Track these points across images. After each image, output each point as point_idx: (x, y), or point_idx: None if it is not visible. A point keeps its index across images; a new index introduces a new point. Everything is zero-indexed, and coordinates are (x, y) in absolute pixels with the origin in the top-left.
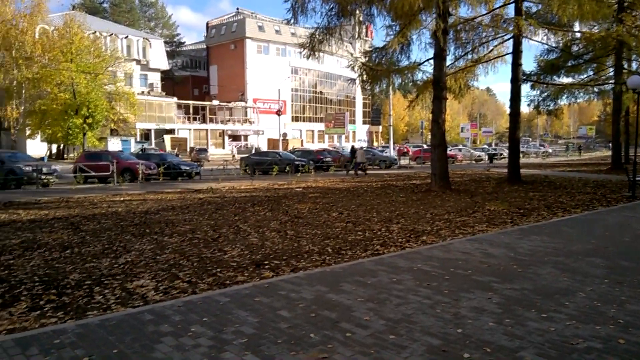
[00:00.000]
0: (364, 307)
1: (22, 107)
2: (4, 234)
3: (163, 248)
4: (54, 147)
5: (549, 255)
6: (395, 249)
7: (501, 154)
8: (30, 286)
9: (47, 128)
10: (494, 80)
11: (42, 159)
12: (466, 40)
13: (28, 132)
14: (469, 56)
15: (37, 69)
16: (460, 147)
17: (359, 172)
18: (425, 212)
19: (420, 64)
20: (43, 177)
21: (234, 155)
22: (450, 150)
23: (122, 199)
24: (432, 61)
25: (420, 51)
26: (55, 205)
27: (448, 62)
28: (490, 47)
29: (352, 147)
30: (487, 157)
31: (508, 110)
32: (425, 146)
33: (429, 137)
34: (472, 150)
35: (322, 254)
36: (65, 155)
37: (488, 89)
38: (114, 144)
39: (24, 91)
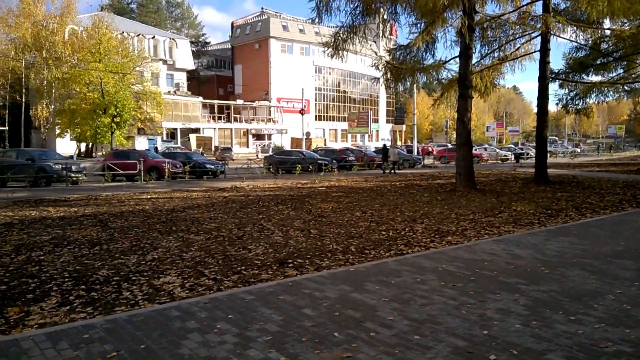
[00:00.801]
0: (388, 307)
1: (52, 107)
2: (35, 230)
3: (189, 245)
4: (83, 146)
5: (577, 257)
6: (419, 249)
7: (528, 154)
8: (60, 282)
9: (76, 127)
10: (521, 79)
11: (71, 157)
12: (492, 38)
13: (58, 131)
14: (496, 54)
15: (67, 69)
16: (486, 146)
17: (385, 170)
18: (449, 212)
19: (446, 62)
20: (72, 175)
21: (257, 154)
22: (476, 150)
23: (149, 196)
24: (457, 59)
25: (446, 49)
26: (84, 202)
27: (474, 60)
28: (517, 45)
29: (384, 146)
30: (513, 156)
31: (535, 109)
32: (449, 145)
33: (454, 136)
34: (497, 150)
35: (346, 253)
36: (93, 154)
37: (514, 87)
38: (141, 143)
39: (54, 91)
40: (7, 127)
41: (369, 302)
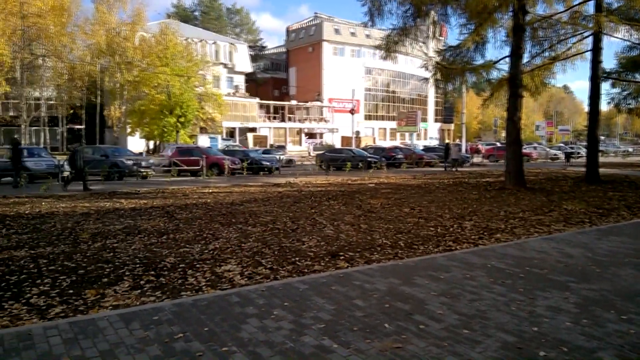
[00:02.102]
0: (437, 301)
1: (124, 107)
2: (109, 220)
3: (247, 237)
4: (151, 143)
5: (629, 256)
6: (468, 245)
7: (578, 153)
8: (131, 267)
9: (145, 126)
10: (572, 78)
11: (140, 154)
12: (543, 38)
13: (129, 130)
14: (546, 54)
15: (137, 72)
16: (536, 145)
17: (448, 167)
18: (498, 210)
19: (496, 62)
20: (142, 170)
21: (309, 152)
22: (525, 148)
23: (210, 191)
24: (507, 59)
25: (496, 49)
26: (152, 195)
27: (524, 60)
28: (569, 45)
29: (447, 144)
30: (563, 155)
31: (586, 109)
32: (498, 144)
33: (503, 134)
34: (547, 149)
35: (395, 248)
36: (160, 151)
37: (565, 87)
38: (203, 141)
39: (125, 93)
40: (84, 126)
41: (418, 296)
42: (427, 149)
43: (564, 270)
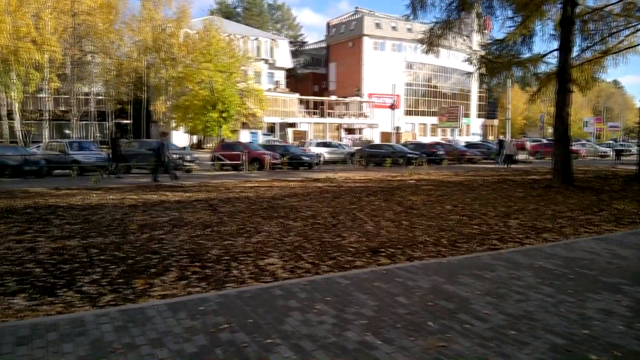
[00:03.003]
0: (483, 300)
1: (169, 103)
2: (156, 212)
3: (288, 231)
4: (195, 138)
5: None
6: (513, 244)
7: (629, 150)
8: (178, 258)
9: (189, 121)
10: (622, 73)
11: (184, 148)
12: (594, 31)
13: (173, 125)
14: (597, 47)
15: (181, 68)
16: (584, 142)
17: (502, 163)
18: (545, 208)
19: (544, 55)
20: (186, 163)
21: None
22: (573, 146)
23: (251, 185)
24: (556, 53)
25: (544, 42)
26: (196, 189)
27: (574, 53)
28: (621, 37)
29: (500, 139)
30: (613, 153)
31: (638, 104)
32: (544, 141)
33: (549, 131)
34: (596, 146)
35: (437, 245)
36: (203, 145)
37: (615, 82)
38: (244, 136)
39: (170, 88)
40: (131, 120)
41: (462, 294)
42: (469, 145)
43: (616, 272)
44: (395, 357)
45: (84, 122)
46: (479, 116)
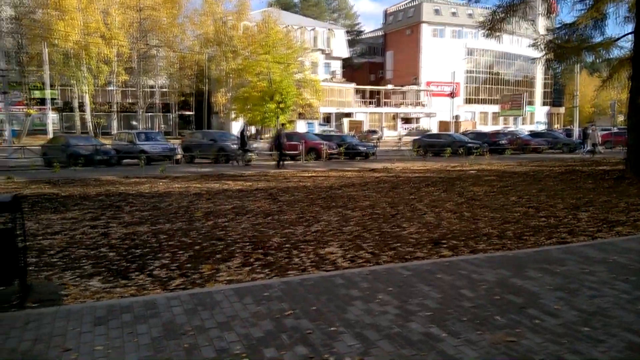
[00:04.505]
0: (553, 295)
1: (229, 94)
2: (219, 200)
3: (347, 220)
4: (253, 128)
5: None
6: (584, 238)
7: None
8: (241, 245)
9: (248, 112)
10: None
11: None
12: None
13: (233, 115)
14: None
15: (241, 60)
16: None
17: (588, 153)
18: (618, 200)
19: (617, 39)
20: (247, 154)
21: (400, 138)
22: None
23: (309, 175)
24: (630, 36)
25: (617, 25)
26: (256, 178)
27: None
28: None
29: (585, 128)
30: None
31: None
32: (615, 129)
33: (620, 119)
34: None
35: (502, 238)
36: (261, 136)
37: None
38: (301, 126)
39: (230, 80)
40: (193, 112)
41: (531, 289)
42: (534, 134)
43: None
44: (462, 350)
45: (150, 113)
46: (544, 104)
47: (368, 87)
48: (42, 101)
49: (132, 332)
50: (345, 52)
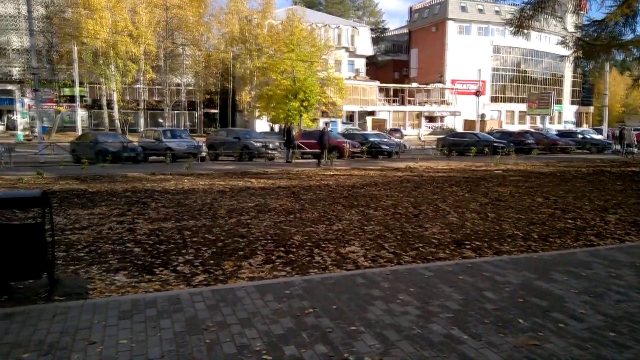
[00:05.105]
0: (578, 299)
1: (253, 92)
2: (242, 197)
3: (369, 220)
4: (276, 127)
5: None
6: (612, 241)
7: None
8: (263, 243)
9: (272, 110)
10: None
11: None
12: None
13: (257, 114)
14: None
15: (265, 59)
16: None
17: (625, 154)
18: None
19: None
20: (269, 151)
21: (420, 137)
22: None
23: (331, 173)
24: None
25: None
26: (278, 176)
27: None
28: None
29: (622, 128)
30: None
31: None
32: None
33: None
34: None
35: (527, 240)
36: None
37: None
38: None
39: (254, 78)
40: (218, 110)
41: (556, 292)
42: (561, 133)
43: None
44: (483, 353)
45: (176, 111)
46: (573, 103)
47: (392, 85)
48: (71, 99)
49: (155, 326)
50: (369, 50)
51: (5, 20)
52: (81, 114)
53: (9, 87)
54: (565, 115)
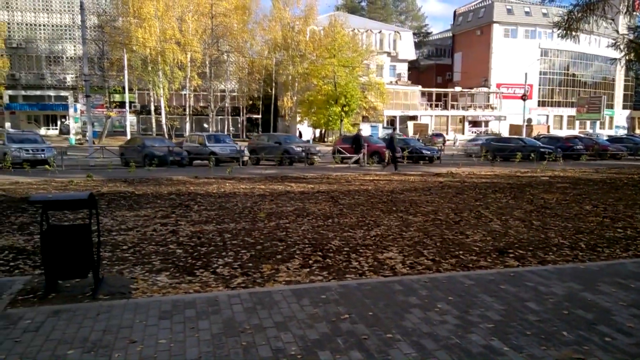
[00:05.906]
0: (626, 312)
1: (295, 98)
2: (282, 201)
3: (408, 226)
4: (317, 132)
5: None
6: None
7: None
8: (301, 247)
9: (313, 115)
10: None
11: (307, 141)
12: None
13: (298, 119)
14: None
15: (307, 64)
16: None
17: None
18: None
19: None
20: (310, 156)
21: (455, 142)
22: None
23: (371, 178)
24: None
25: None
26: (318, 181)
27: None
28: None
29: None
30: None
31: None
32: None
33: None
34: None
35: (574, 249)
36: (325, 139)
37: None
38: (364, 130)
39: (296, 84)
40: (260, 115)
41: (602, 304)
42: (612, 139)
43: None
44: None
45: (220, 116)
46: (625, 107)
47: (434, 90)
48: (121, 104)
49: (194, 327)
50: (412, 54)
51: (61, 30)
52: (130, 119)
53: (63, 93)
54: (616, 120)
